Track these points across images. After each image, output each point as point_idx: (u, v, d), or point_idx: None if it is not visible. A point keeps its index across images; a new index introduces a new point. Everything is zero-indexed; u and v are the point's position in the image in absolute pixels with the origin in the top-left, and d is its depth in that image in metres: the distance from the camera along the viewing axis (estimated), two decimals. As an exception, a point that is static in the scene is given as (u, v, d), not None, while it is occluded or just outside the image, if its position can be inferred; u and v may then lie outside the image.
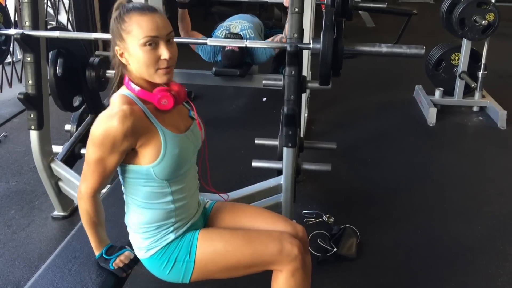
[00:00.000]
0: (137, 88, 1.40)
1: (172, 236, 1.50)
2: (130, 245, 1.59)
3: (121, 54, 1.38)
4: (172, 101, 1.40)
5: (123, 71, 1.43)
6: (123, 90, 1.42)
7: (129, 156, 1.40)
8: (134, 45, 1.33)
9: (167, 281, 1.56)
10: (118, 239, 1.62)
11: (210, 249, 1.50)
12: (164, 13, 1.40)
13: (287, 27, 2.96)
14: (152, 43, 1.33)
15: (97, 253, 1.52)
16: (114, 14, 1.38)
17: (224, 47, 3.47)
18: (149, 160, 1.39)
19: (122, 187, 1.51)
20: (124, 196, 1.53)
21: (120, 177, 1.49)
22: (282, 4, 4.27)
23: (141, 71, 1.37)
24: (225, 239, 1.52)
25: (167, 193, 1.46)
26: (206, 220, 1.67)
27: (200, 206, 1.65)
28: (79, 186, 1.44)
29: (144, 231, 1.50)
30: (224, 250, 1.49)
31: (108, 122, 1.32)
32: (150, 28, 1.32)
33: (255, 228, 1.60)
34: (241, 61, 3.54)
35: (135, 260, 1.53)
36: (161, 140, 1.39)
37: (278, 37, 3.37)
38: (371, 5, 4.66)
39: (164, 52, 1.34)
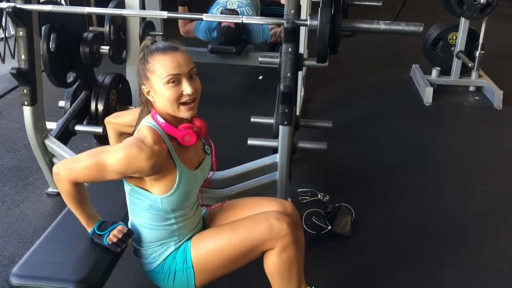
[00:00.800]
0: (162, 121, 1.45)
1: (172, 249, 1.56)
2: (124, 221, 1.59)
3: (148, 93, 1.45)
4: (195, 138, 1.47)
5: (149, 108, 1.49)
6: (149, 121, 1.46)
7: (139, 180, 1.44)
8: (159, 84, 1.40)
9: None
10: (114, 216, 1.61)
11: (203, 250, 1.54)
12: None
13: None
14: (175, 80, 1.40)
15: (89, 230, 1.52)
16: (139, 55, 1.45)
17: (220, 23, 3.43)
18: (159, 192, 1.44)
19: (128, 204, 1.55)
20: (129, 212, 1.58)
21: (127, 194, 1.53)
22: None
23: (165, 107, 1.43)
24: (213, 236, 1.55)
25: (170, 218, 1.51)
26: (203, 227, 1.70)
27: (201, 219, 1.69)
28: (59, 166, 1.42)
29: (147, 247, 1.56)
30: (215, 247, 1.53)
31: (137, 153, 1.35)
32: (172, 67, 1.39)
33: (244, 217, 1.61)
34: (237, 38, 3.50)
35: (129, 234, 1.53)
36: (177, 177, 1.45)
37: (280, 28, 3.32)
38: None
39: (186, 88, 1.40)
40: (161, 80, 1.39)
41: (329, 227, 2.31)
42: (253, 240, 1.51)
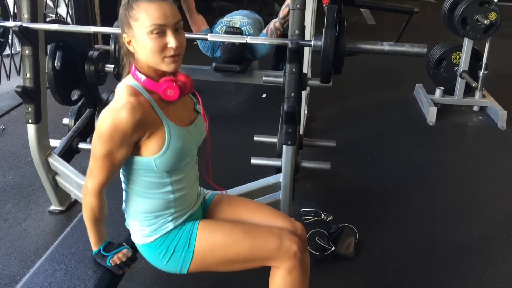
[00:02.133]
0: (143, 77, 1.38)
1: (171, 226, 1.49)
2: (127, 242, 1.58)
3: (129, 42, 1.37)
4: (177, 92, 1.39)
5: (130, 59, 1.42)
6: (128, 80, 1.40)
7: (134, 147, 1.39)
8: (142, 33, 1.32)
9: (165, 270, 1.55)
10: (115, 236, 1.60)
11: (210, 240, 1.49)
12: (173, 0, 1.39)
13: (281, 10, 2.95)
14: (159, 31, 1.32)
15: (94, 249, 1.50)
16: (123, 1, 1.37)
17: (223, 42, 3.45)
18: (151, 152, 1.38)
19: (121, 175, 1.49)
20: (122, 183, 1.51)
21: None
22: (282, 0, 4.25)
23: (148, 59, 1.35)
24: (225, 231, 1.51)
25: (166, 183, 1.45)
26: (206, 211, 1.66)
27: (200, 197, 1.64)
28: (85, 182, 1.41)
29: (143, 219, 1.49)
30: (224, 242, 1.48)
31: (116, 115, 1.30)
32: (157, 16, 1.31)
33: (255, 222, 1.59)
34: (241, 55, 3.52)
35: (133, 259, 1.51)
36: (166, 133, 1.38)
37: (271, 24, 3.35)
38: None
39: (171, 41, 1.33)
40: (144, 29, 1.31)
41: (333, 248, 2.29)
42: (262, 250, 1.49)
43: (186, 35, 1.92)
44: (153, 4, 1.32)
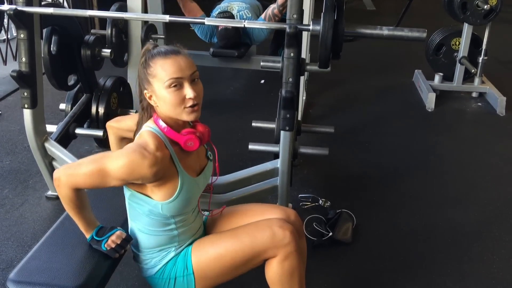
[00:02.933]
0: (164, 125, 1.42)
1: (172, 254, 1.53)
2: (123, 227, 1.57)
3: (150, 97, 1.43)
4: (197, 143, 1.45)
5: (151, 112, 1.47)
6: (151, 126, 1.43)
7: (140, 185, 1.42)
8: (160, 88, 1.38)
9: None
10: (112, 221, 1.60)
11: (204, 257, 1.52)
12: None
13: None
14: (177, 84, 1.37)
15: (87, 235, 1.51)
16: (141, 60, 1.43)
17: (217, 27, 3.43)
18: (160, 197, 1.42)
19: (127, 209, 1.53)
20: (128, 218, 1.55)
21: (126, 199, 1.50)
22: None
23: (169, 111, 1.40)
24: (214, 243, 1.54)
25: (170, 223, 1.49)
26: (204, 233, 1.69)
27: (202, 225, 1.67)
28: (60, 172, 1.40)
29: (147, 252, 1.54)
30: (217, 253, 1.51)
31: (139, 160, 1.33)
32: (173, 70, 1.37)
33: (246, 223, 1.60)
34: (237, 39, 3.50)
35: (127, 239, 1.52)
36: (179, 183, 1.43)
37: (270, 9, 3.33)
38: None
39: (189, 92, 1.38)
40: (162, 84, 1.37)
41: (330, 234, 2.29)
42: (255, 247, 1.49)
43: (182, 19, 1.90)
44: (169, 60, 1.38)
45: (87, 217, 1.49)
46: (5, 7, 2.19)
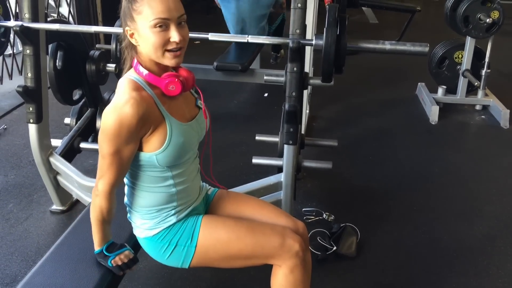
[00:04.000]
0: (145, 71, 1.38)
1: (173, 219, 1.49)
2: (129, 241, 1.58)
3: (131, 35, 1.36)
4: (179, 87, 1.38)
5: (132, 53, 1.41)
6: (130, 74, 1.39)
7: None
8: (144, 27, 1.31)
9: (166, 264, 1.54)
10: (117, 234, 1.60)
11: (213, 236, 1.49)
12: None
13: None
14: (163, 25, 1.31)
15: (97, 248, 1.49)
16: None
17: None
18: (153, 148, 1.38)
19: None
20: (125, 177, 1.50)
21: None
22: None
23: (150, 52, 1.34)
24: (229, 227, 1.50)
25: (167, 177, 1.45)
26: (208, 206, 1.66)
27: (202, 191, 1.64)
28: (96, 182, 1.40)
29: (145, 212, 1.49)
30: (227, 238, 1.48)
31: (121, 111, 1.29)
32: (161, 10, 1.30)
33: (258, 220, 1.59)
34: None
35: (134, 260, 1.51)
36: (167, 128, 1.37)
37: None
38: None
39: (174, 35, 1.32)
40: (147, 23, 1.30)
41: (334, 248, 2.28)
42: (264, 248, 1.49)
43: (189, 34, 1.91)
44: None
45: (106, 231, 1.48)
46: (12, 23, 2.22)
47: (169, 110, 1.40)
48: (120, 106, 1.30)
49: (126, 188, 1.54)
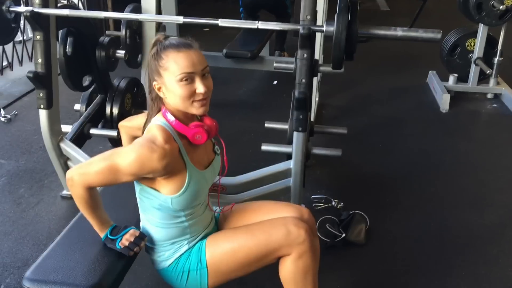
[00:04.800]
0: (172, 119, 1.43)
1: (186, 247, 1.54)
2: (136, 226, 1.59)
3: (159, 89, 1.43)
4: (205, 137, 1.45)
5: (159, 104, 1.47)
6: (160, 120, 1.44)
7: (150, 180, 1.43)
8: (171, 81, 1.38)
9: None
10: (125, 221, 1.61)
11: (218, 251, 1.53)
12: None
13: None
14: (188, 78, 1.38)
15: (101, 235, 1.52)
16: (152, 51, 1.43)
17: None
18: (169, 191, 1.43)
19: (138, 203, 1.54)
20: (140, 211, 1.57)
21: (137, 193, 1.52)
22: None
23: (177, 104, 1.41)
24: (229, 238, 1.54)
25: (180, 216, 1.50)
26: (217, 228, 1.70)
27: (213, 218, 1.68)
28: (73, 172, 1.41)
29: (160, 245, 1.55)
30: (231, 249, 1.52)
31: (148, 154, 1.34)
32: (186, 65, 1.37)
33: (261, 220, 1.60)
34: None
35: (141, 237, 1.53)
36: (187, 177, 1.43)
37: None
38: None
39: (199, 87, 1.38)
40: (174, 78, 1.37)
41: (343, 235, 2.29)
42: (269, 244, 1.50)
43: (196, 20, 1.91)
44: (181, 54, 1.38)
45: (101, 217, 1.50)
46: (22, 8, 2.22)
47: (192, 158, 1.46)
48: (151, 149, 1.35)
49: (141, 223, 1.59)
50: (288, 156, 2.23)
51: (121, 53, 2.77)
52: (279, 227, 1.50)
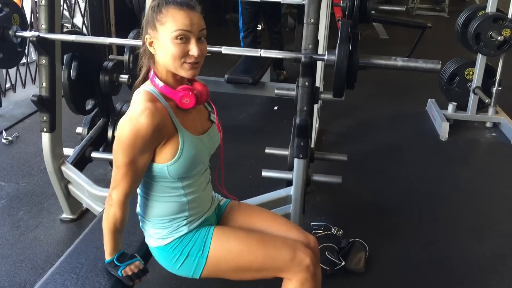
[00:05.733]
0: (160, 83, 1.41)
1: (185, 229, 1.51)
2: (139, 250, 1.59)
3: (150, 43, 1.40)
4: (193, 101, 1.42)
5: (149, 61, 1.45)
6: (146, 86, 1.43)
7: None
8: (166, 37, 1.35)
9: (177, 274, 1.55)
10: (128, 245, 1.61)
11: (224, 247, 1.50)
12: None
13: None
14: (183, 37, 1.35)
15: (108, 257, 1.50)
16: (152, 3, 1.39)
17: None
18: (164, 159, 1.40)
19: None
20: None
21: None
22: (296, 12, 4.37)
23: (167, 62, 1.38)
24: (240, 239, 1.52)
25: (178, 187, 1.47)
26: (220, 217, 1.67)
27: (214, 202, 1.65)
28: (110, 192, 1.42)
29: (158, 222, 1.51)
30: (238, 250, 1.49)
31: (136, 121, 1.32)
32: (184, 22, 1.35)
33: (269, 232, 1.59)
34: None
35: (144, 271, 1.52)
36: (179, 140, 1.40)
37: None
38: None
39: (193, 48, 1.36)
40: (169, 34, 1.34)
41: (343, 263, 2.28)
42: (275, 261, 1.49)
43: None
44: (182, 11, 1.35)
45: (118, 241, 1.49)
46: (28, 34, 2.26)
47: (182, 122, 1.42)
48: (135, 117, 1.33)
49: (138, 197, 1.56)
50: (288, 183, 2.24)
51: (124, 77, 2.80)
52: (289, 249, 1.50)
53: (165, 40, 1.36)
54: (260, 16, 4.73)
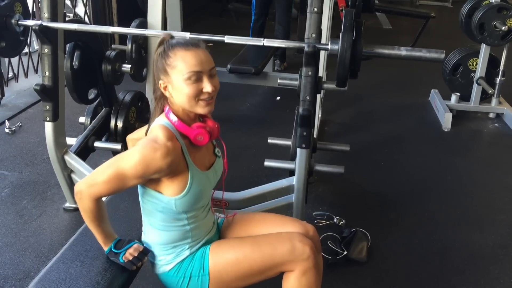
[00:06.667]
0: (175, 119, 1.44)
1: (187, 253, 1.54)
2: (140, 240, 1.59)
3: (165, 88, 1.44)
4: (207, 138, 1.46)
5: (163, 103, 1.48)
6: (162, 120, 1.45)
7: (153, 181, 1.43)
8: (179, 79, 1.39)
9: None
10: (129, 234, 1.62)
11: (222, 260, 1.52)
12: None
13: None
14: (196, 77, 1.39)
15: (105, 248, 1.52)
16: (159, 50, 1.43)
17: None
18: (172, 193, 1.43)
19: (141, 206, 1.54)
20: (142, 215, 1.57)
21: (140, 196, 1.52)
22: (298, 2, 4.37)
23: (183, 103, 1.42)
24: (234, 247, 1.54)
25: (182, 218, 1.50)
26: (218, 234, 1.69)
27: (215, 224, 1.68)
28: (81, 185, 1.42)
29: (161, 249, 1.55)
30: (235, 258, 1.51)
31: (152, 154, 1.35)
32: (194, 63, 1.38)
33: (266, 232, 1.60)
34: None
35: (145, 252, 1.53)
36: (189, 177, 1.44)
37: None
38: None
39: (207, 86, 1.40)
40: (181, 76, 1.38)
41: (345, 252, 2.28)
42: (274, 258, 1.50)
43: (202, 36, 1.93)
44: (189, 52, 1.39)
45: (106, 230, 1.51)
46: (31, 22, 2.25)
47: (194, 159, 1.46)
48: (153, 148, 1.35)
49: (143, 226, 1.59)
50: (291, 173, 2.24)
51: (127, 67, 2.80)
52: (285, 242, 1.51)
53: (179, 82, 1.39)
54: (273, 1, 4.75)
